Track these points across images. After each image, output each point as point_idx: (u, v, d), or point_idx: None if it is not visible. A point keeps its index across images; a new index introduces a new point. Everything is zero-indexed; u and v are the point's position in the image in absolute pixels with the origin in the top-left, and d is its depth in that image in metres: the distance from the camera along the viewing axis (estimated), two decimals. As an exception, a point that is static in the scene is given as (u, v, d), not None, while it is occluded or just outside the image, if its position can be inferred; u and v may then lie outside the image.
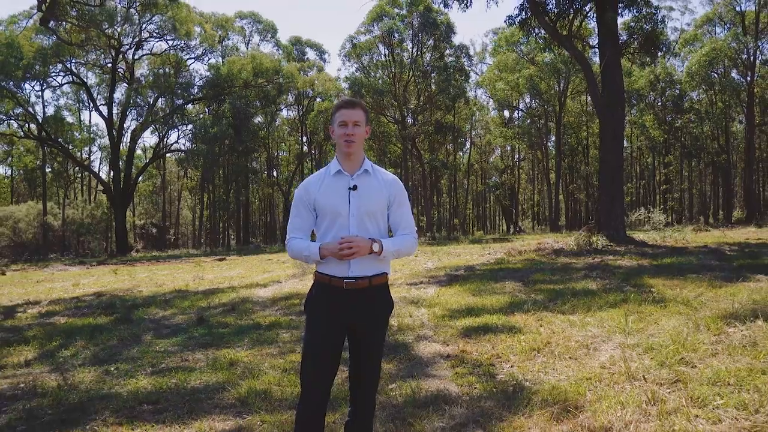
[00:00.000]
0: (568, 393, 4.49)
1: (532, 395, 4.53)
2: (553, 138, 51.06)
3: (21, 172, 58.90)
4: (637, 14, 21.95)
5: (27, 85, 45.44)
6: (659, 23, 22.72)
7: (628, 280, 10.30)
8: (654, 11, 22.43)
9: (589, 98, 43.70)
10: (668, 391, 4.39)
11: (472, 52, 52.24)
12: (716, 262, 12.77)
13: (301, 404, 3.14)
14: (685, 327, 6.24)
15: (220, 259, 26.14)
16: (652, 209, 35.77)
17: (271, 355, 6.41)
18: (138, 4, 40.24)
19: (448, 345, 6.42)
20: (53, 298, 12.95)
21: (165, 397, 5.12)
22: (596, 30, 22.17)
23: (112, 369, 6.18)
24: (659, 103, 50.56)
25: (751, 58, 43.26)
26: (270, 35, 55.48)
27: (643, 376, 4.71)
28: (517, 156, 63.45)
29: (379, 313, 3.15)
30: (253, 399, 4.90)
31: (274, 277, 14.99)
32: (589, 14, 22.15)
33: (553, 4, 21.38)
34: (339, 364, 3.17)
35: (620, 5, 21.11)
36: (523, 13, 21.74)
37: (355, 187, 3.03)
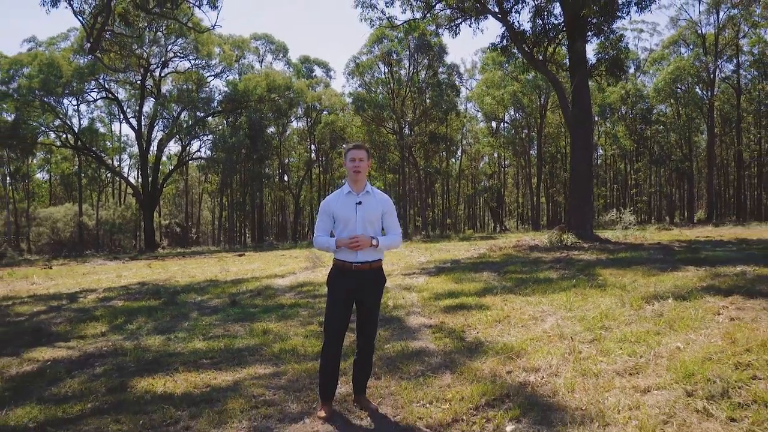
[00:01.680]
0: (514, 348, 5.65)
1: (489, 350, 5.68)
2: (535, 147, 52.11)
3: (58, 177, 60.09)
4: (603, 41, 22.95)
5: (65, 100, 46.63)
6: (623, 49, 23.73)
7: (583, 270, 11.38)
8: (618, 38, 23.41)
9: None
10: (586, 346, 5.54)
11: (462, 70, 53.10)
12: (661, 256, 13.78)
13: (324, 352, 4.29)
14: (614, 304, 7.38)
15: (240, 255, 26.98)
16: (623, 210, 36.73)
17: (294, 326, 7.55)
18: (164, 28, 41.22)
19: (431, 318, 7.56)
20: (105, 287, 14.00)
21: (218, 354, 6.26)
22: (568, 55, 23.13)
23: (173, 337, 7.30)
24: (630, 115, 51.63)
25: (711, 75, 44.26)
26: (282, 54, 56.21)
27: (571, 337, 5.86)
28: (503, 163, 64.51)
29: (376, 286, 4.29)
30: (285, 355, 6.04)
31: (289, 269, 16.01)
32: (561, 42, 23.05)
33: (529, 33, 22.30)
34: (348, 324, 4.31)
35: (588, 34, 22.05)
36: (504, 41, 22.66)
37: (360, 203, 4.17)
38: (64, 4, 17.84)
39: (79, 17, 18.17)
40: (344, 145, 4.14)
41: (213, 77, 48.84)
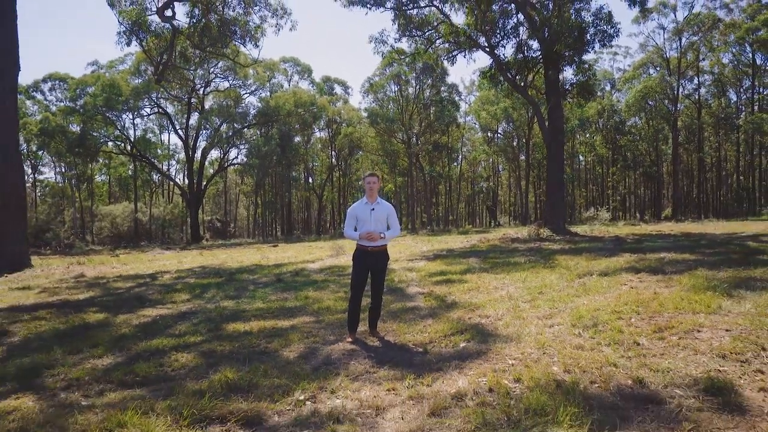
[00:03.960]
0: (477, 304, 7.38)
1: (460, 306, 7.42)
2: (524, 154, 53.45)
3: (116, 179, 62.35)
4: (576, 69, 24.44)
5: (123, 115, 48.80)
6: (591, 76, 25.20)
7: (546, 256, 13.00)
8: (589, 67, 24.88)
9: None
10: (524, 303, 7.26)
11: (461, 88, 54.90)
12: (612, 246, 15.20)
13: (350, 302, 6.05)
14: (555, 279, 9.08)
15: (274, 246, 28.46)
16: (599, 208, 38.08)
17: (327, 294, 9.31)
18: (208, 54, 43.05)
19: (424, 288, 9.29)
20: (175, 269, 15.75)
21: (276, 311, 8.03)
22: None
23: (240, 301, 9.07)
24: (606, 127, 52.86)
25: (675, 93, 45.46)
26: (307, 75, 57.71)
27: (516, 298, 7.59)
28: (497, 167, 65.91)
29: (383, 261, 6.03)
30: (322, 311, 7.81)
31: (317, 257, 17.65)
32: (539, 70, 24.55)
33: (513, 64, 23.81)
34: (365, 287, 6.06)
35: (563, 63, 23.57)
36: (492, 69, 24.27)
37: (373, 209, 5.92)
38: (135, 43, 19.75)
39: (148, 54, 19.95)
40: (364, 174, 5.95)
41: (248, 95, 50.90)
